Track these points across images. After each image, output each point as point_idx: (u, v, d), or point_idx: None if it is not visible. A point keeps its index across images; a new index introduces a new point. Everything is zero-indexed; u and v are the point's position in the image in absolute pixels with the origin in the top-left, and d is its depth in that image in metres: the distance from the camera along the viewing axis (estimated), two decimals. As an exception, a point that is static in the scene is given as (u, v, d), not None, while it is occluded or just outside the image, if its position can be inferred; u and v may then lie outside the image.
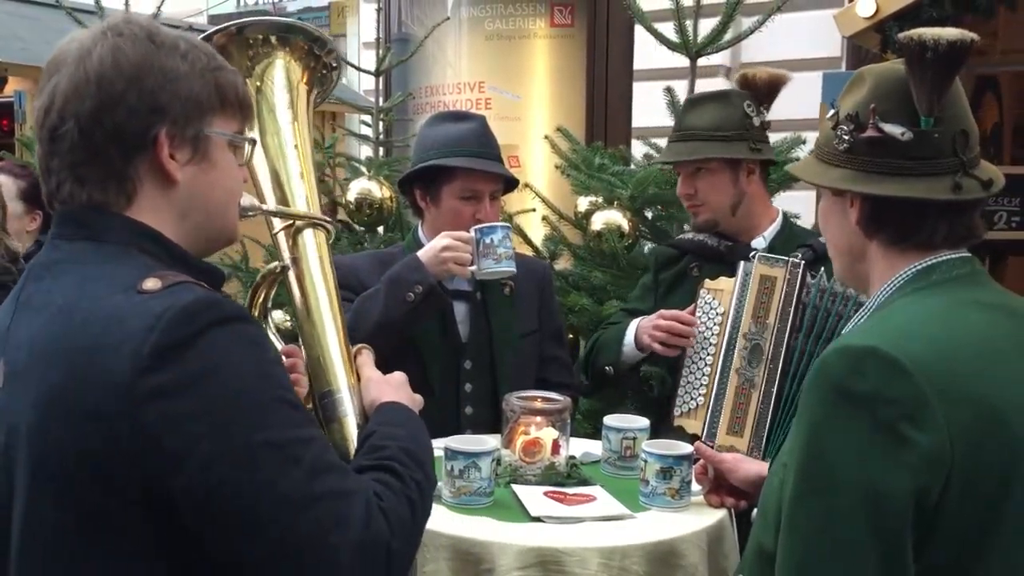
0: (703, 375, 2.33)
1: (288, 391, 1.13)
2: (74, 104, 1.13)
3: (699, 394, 2.31)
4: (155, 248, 1.16)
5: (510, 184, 2.53)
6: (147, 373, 1.02)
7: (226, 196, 1.26)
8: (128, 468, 1.02)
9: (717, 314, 2.34)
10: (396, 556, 1.14)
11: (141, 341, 1.02)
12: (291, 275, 1.53)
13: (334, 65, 1.65)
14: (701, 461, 1.89)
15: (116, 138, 1.14)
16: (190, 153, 1.18)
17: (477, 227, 2.31)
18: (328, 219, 1.58)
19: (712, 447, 2.04)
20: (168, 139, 1.16)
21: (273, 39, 1.58)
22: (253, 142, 1.31)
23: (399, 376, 1.49)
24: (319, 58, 1.62)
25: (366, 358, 1.52)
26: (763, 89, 2.48)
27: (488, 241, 2.27)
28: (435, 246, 2.33)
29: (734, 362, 2.25)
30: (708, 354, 2.33)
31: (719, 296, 2.35)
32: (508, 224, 2.35)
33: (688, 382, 2.36)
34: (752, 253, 2.34)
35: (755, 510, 1.44)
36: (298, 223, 1.53)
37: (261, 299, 1.55)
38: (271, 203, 1.53)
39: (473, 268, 2.31)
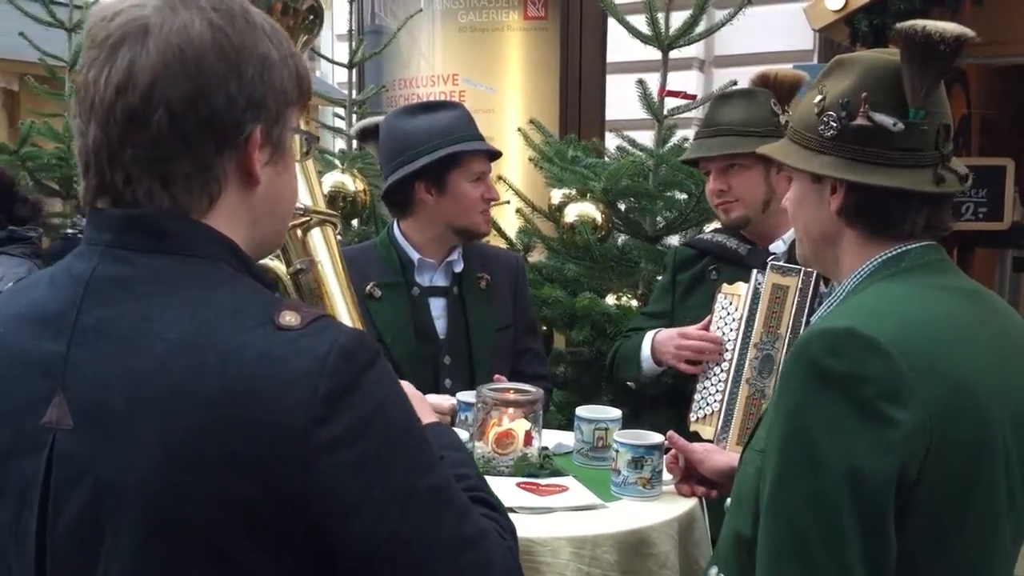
0: (719, 381, 2.29)
1: (423, 426, 1.09)
2: (165, 86, 0.95)
3: (714, 400, 2.28)
4: (237, 263, 1.02)
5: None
6: (322, 423, 0.92)
7: (293, 200, 1.13)
8: (290, 518, 0.93)
9: (734, 319, 2.30)
10: None
11: (311, 387, 0.92)
12: (305, 279, 1.41)
13: (315, 5, 1.51)
14: (672, 451, 1.91)
15: (209, 130, 0.98)
16: (271, 152, 1.04)
17: (459, 397, 2.24)
18: (335, 213, 1.48)
19: None
20: (260, 137, 1.01)
21: None
22: (317, 139, 1.21)
23: (411, 388, 1.42)
24: (298, 11, 1.49)
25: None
26: (786, 88, 2.45)
27: (463, 417, 2.20)
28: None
29: (745, 372, 2.21)
30: (724, 360, 2.29)
31: (735, 301, 2.30)
32: None
33: (704, 387, 2.33)
34: (769, 257, 2.30)
35: (728, 500, 1.45)
36: (310, 220, 1.41)
37: None
38: None
39: None
